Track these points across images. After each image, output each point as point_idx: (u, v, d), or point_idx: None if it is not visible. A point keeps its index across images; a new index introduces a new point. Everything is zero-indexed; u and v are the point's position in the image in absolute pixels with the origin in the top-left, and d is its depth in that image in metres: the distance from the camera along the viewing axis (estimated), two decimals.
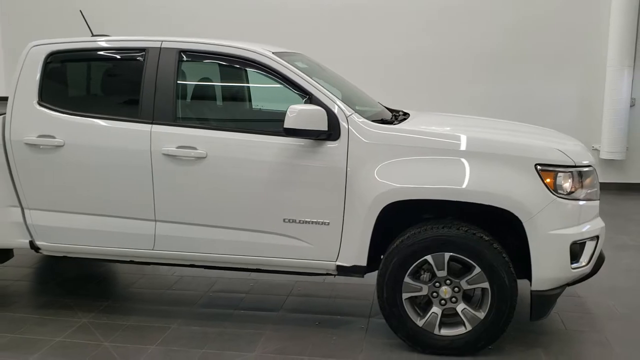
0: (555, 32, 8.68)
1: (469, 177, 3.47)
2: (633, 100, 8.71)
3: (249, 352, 3.77)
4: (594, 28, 8.64)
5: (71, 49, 4.09)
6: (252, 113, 4.49)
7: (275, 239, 3.82)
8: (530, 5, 8.67)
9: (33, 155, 3.96)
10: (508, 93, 8.85)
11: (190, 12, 9.08)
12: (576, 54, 8.73)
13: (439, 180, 3.49)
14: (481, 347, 3.64)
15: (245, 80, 4.28)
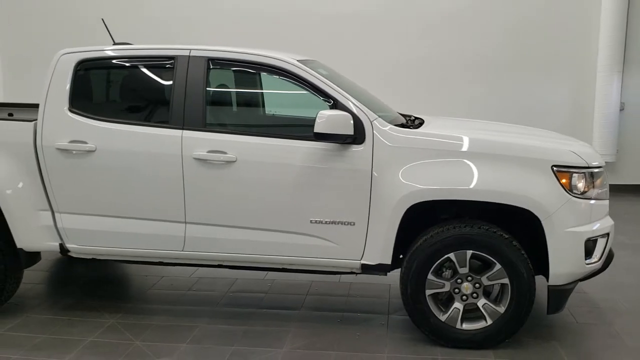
0: (548, 39, 8.96)
1: (492, 178, 3.67)
2: (622, 105, 9.01)
3: (278, 348, 3.92)
4: (585, 36, 8.94)
5: (100, 57, 4.21)
6: (279, 118, 4.64)
7: (302, 239, 3.98)
8: (524, 13, 8.94)
9: (64, 160, 4.07)
10: (503, 97, 9.10)
11: (189, 20, 9.21)
12: (568, 60, 9.02)
13: (463, 182, 3.68)
14: (501, 340, 3.84)
15: (272, 87, 4.43)
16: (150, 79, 4.26)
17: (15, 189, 4.13)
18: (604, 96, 8.91)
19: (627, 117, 9.07)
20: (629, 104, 9.07)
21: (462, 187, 3.67)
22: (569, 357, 3.78)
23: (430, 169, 3.73)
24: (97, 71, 4.26)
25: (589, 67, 9.01)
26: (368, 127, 3.83)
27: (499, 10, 8.98)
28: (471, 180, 3.68)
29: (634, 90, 9.02)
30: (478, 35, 9.02)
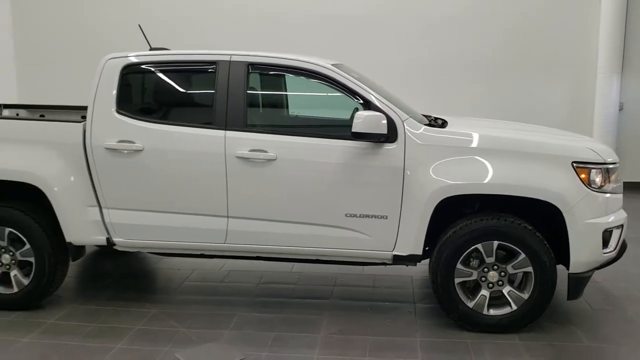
0: (548, 40, 9.30)
1: (518, 173, 3.96)
2: (621, 104, 9.37)
3: (316, 333, 4.19)
4: (584, 37, 9.29)
5: (145, 62, 4.46)
6: (315, 119, 4.90)
7: (337, 232, 4.25)
8: (524, 15, 9.28)
9: (113, 158, 4.32)
10: (503, 97, 9.45)
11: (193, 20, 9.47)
12: (569, 62, 9.37)
13: (492, 177, 3.97)
14: (525, 324, 4.13)
15: (308, 90, 4.68)
16: (194, 83, 4.52)
17: (65, 186, 4.37)
18: (603, 96, 9.27)
19: (626, 117, 9.42)
20: (627, 104, 9.42)
21: (491, 182, 3.96)
22: (588, 340, 4.08)
23: (459, 165, 4.02)
24: (142, 75, 4.51)
25: (588, 68, 9.36)
26: (400, 127, 4.10)
27: (500, 12, 9.32)
28: (499, 176, 3.97)
29: (633, 91, 9.38)
30: (479, 36, 9.34)
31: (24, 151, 4.38)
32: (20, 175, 4.34)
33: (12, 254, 4.51)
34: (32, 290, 4.51)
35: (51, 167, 4.36)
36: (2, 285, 4.57)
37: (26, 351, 3.92)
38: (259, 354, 3.87)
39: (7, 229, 4.46)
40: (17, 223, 4.43)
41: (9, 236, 4.48)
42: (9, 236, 4.48)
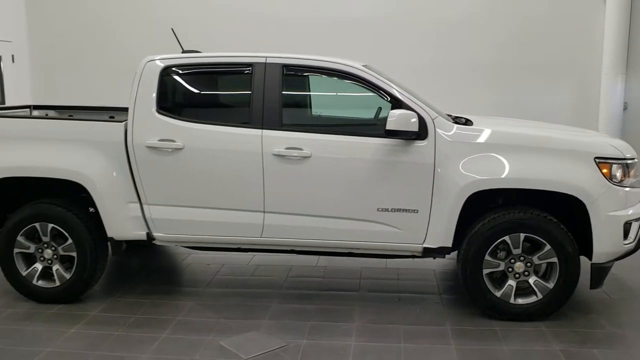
0: (555, 44, 9.54)
1: (544, 169, 4.17)
2: (625, 104, 9.60)
3: (350, 322, 4.39)
4: (589, 40, 9.53)
5: (183, 64, 4.64)
6: (348, 118, 5.09)
7: (369, 225, 4.45)
8: (532, 19, 9.51)
9: (154, 156, 4.50)
10: (511, 98, 9.66)
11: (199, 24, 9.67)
12: (574, 63, 9.61)
13: (520, 172, 4.18)
14: (550, 312, 4.34)
15: (340, 90, 4.87)
16: (231, 84, 4.72)
17: (107, 184, 4.54)
18: (608, 97, 9.49)
19: (630, 117, 9.65)
20: (631, 104, 9.64)
21: (519, 177, 4.17)
22: (610, 327, 4.30)
23: (488, 161, 4.22)
24: (181, 76, 4.68)
25: (593, 69, 9.59)
26: (430, 125, 4.31)
27: (507, 15, 9.54)
28: (527, 171, 4.18)
29: (637, 91, 9.60)
30: (486, 39, 9.57)
31: (68, 150, 4.55)
32: (65, 173, 4.52)
33: (54, 249, 4.68)
34: (74, 284, 4.68)
35: (94, 165, 4.54)
36: (44, 279, 4.73)
37: (76, 341, 4.10)
38: (298, 342, 4.06)
39: (50, 225, 4.63)
40: (60, 219, 4.61)
41: (51, 232, 4.65)
42: (51, 232, 4.65)
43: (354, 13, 9.61)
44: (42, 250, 4.70)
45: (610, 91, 9.45)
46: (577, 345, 4.00)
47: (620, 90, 9.46)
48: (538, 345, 4.00)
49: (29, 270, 4.72)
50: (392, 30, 9.66)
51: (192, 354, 3.89)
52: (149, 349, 3.96)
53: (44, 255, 4.71)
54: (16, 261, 4.71)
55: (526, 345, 4.00)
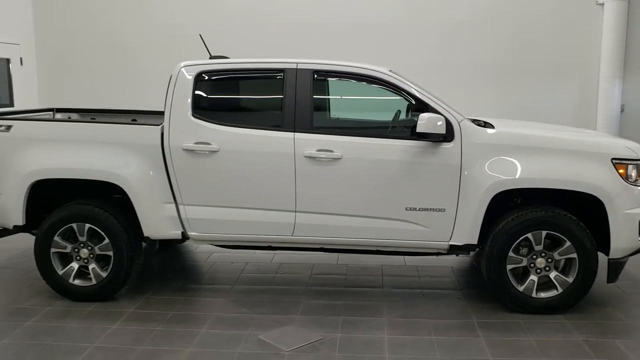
0: (555, 47, 9.84)
1: (566, 169, 4.40)
2: (623, 107, 9.92)
3: (380, 317, 4.59)
4: (588, 44, 9.84)
5: (217, 70, 4.82)
6: (377, 121, 5.28)
7: (397, 224, 4.65)
8: (533, 23, 9.81)
9: (190, 159, 4.67)
10: (513, 100, 9.95)
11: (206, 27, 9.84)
12: (573, 67, 9.92)
13: (543, 173, 4.40)
14: (570, 305, 4.57)
15: (368, 94, 5.07)
16: (263, 89, 4.90)
17: (144, 185, 4.71)
18: (606, 99, 9.81)
19: (627, 118, 9.97)
20: (628, 106, 9.97)
21: (543, 177, 4.40)
22: (627, 318, 4.55)
23: (512, 162, 4.45)
24: (215, 81, 4.86)
25: (592, 73, 9.91)
26: (456, 127, 4.53)
27: (508, 20, 9.84)
28: (549, 172, 4.41)
29: (633, 93, 9.93)
30: (489, 43, 9.86)
31: (106, 153, 4.71)
32: (104, 175, 4.68)
33: (91, 248, 4.83)
34: (110, 282, 4.84)
35: (131, 167, 4.70)
36: (79, 278, 4.88)
37: (119, 336, 4.26)
38: (334, 335, 4.26)
39: (87, 225, 4.78)
40: (97, 219, 4.76)
41: (88, 232, 4.80)
42: (88, 232, 4.80)
43: (360, 17, 9.84)
44: (78, 250, 4.85)
45: (608, 94, 9.77)
46: (598, 335, 4.23)
47: (618, 93, 9.78)
48: (561, 336, 4.23)
49: (65, 269, 4.86)
50: (396, 33, 9.89)
51: (234, 347, 4.07)
52: (192, 343, 4.13)
53: (80, 254, 4.85)
54: (53, 261, 4.85)
55: (550, 336, 4.23)
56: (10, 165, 4.81)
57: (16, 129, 4.85)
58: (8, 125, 4.86)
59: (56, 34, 10.65)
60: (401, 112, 4.93)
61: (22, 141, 4.82)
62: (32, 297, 5.02)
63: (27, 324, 4.47)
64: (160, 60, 10.33)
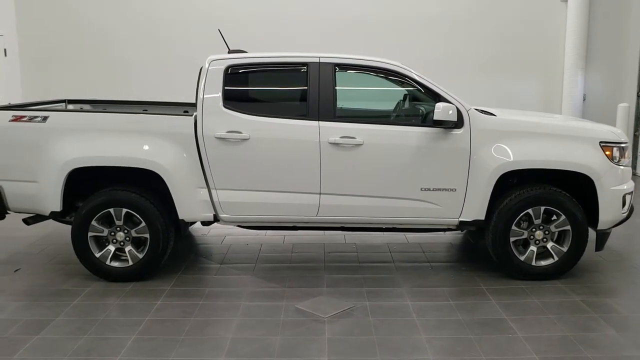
0: (524, 43, 10.63)
1: (562, 152, 5.00)
2: (585, 96, 10.74)
3: (399, 287, 5.10)
4: (554, 39, 10.64)
5: (245, 63, 5.20)
6: (394, 110, 5.74)
7: (413, 203, 5.15)
8: (504, 21, 10.57)
9: (222, 146, 5.04)
10: (486, 92, 10.64)
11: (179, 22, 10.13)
12: (541, 60, 10.71)
13: (543, 155, 4.99)
14: (565, 271, 5.19)
15: (386, 85, 5.51)
16: (288, 81, 5.30)
17: (179, 171, 5.06)
18: (570, 89, 10.62)
19: (589, 106, 10.81)
20: (590, 96, 10.81)
21: (543, 159, 4.98)
22: (612, 280, 5.22)
23: (516, 146, 5.01)
24: (243, 74, 5.23)
25: (557, 65, 10.71)
26: (465, 115, 5.05)
27: (482, 17, 10.54)
28: (548, 154, 5.00)
29: (595, 84, 10.78)
30: (468, 41, 10.52)
31: (143, 141, 5.03)
32: (143, 163, 5.00)
33: (127, 231, 5.15)
34: (146, 263, 5.17)
35: (167, 154, 5.03)
36: (116, 260, 5.19)
37: (167, 310, 4.62)
38: (363, 303, 4.74)
39: (124, 210, 5.10)
40: (134, 204, 5.08)
41: (125, 216, 5.12)
42: (125, 216, 5.12)
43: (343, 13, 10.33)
44: (114, 234, 5.16)
45: (572, 84, 10.57)
46: (591, 295, 4.87)
47: (581, 83, 10.61)
48: (560, 297, 4.84)
49: (102, 252, 5.17)
50: (377, 28, 10.41)
51: (277, 316, 4.50)
52: (237, 314, 4.54)
53: (116, 237, 5.17)
54: (90, 244, 5.15)
55: (551, 297, 4.83)
56: (46, 154, 5.06)
57: (52, 120, 5.10)
58: (44, 116, 5.10)
59: (39, 24, 10.69)
60: (415, 102, 5.43)
61: (58, 131, 5.08)
62: (68, 279, 5.29)
63: (75, 303, 4.76)
64: (144, 51, 10.55)
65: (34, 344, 4.05)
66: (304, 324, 4.37)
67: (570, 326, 4.29)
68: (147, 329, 4.29)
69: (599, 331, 4.21)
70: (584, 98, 10.72)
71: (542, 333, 4.18)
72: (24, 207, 5.25)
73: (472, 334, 4.17)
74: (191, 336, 4.17)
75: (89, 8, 10.64)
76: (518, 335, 4.14)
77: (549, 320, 4.39)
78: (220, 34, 5.84)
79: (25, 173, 5.09)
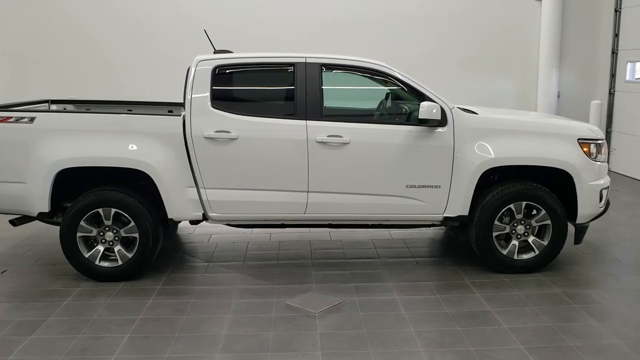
0: (499, 40, 10.83)
1: (542, 149, 5.16)
2: (559, 93, 11.00)
3: (386, 282, 5.22)
4: (528, 38, 10.88)
5: (232, 64, 5.25)
6: (380, 109, 5.84)
7: (398, 200, 5.27)
8: (481, 20, 10.74)
9: (211, 146, 5.09)
10: (463, 89, 10.80)
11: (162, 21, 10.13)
12: (515, 58, 10.95)
13: (524, 152, 5.15)
14: (545, 264, 5.37)
15: (371, 85, 5.61)
16: (275, 81, 5.37)
17: (168, 170, 5.09)
18: (544, 86, 10.87)
19: (563, 103, 11.08)
20: (564, 93, 11.07)
21: (524, 155, 5.14)
22: (590, 272, 5.42)
23: (497, 143, 5.16)
24: (231, 74, 5.29)
25: (532, 63, 10.95)
26: (449, 114, 5.19)
27: (463, 19, 10.73)
28: (529, 151, 5.16)
29: (568, 81, 11.05)
30: (448, 41, 10.72)
31: (131, 141, 5.05)
32: (132, 163, 5.02)
33: (116, 231, 5.18)
34: (136, 262, 5.20)
35: (156, 154, 5.06)
36: (104, 260, 5.21)
37: (159, 308, 4.67)
38: (352, 298, 4.85)
39: (113, 210, 5.12)
40: (123, 204, 5.11)
41: (113, 216, 5.14)
42: (113, 216, 5.14)
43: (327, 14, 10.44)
44: (103, 233, 5.18)
45: (546, 82, 10.82)
46: (572, 287, 5.05)
47: (555, 81, 10.86)
48: (542, 289, 5.01)
49: (91, 252, 5.19)
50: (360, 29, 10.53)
51: (268, 312, 4.58)
52: (229, 311, 4.61)
53: (105, 237, 5.19)
54: (78, 244, 5.16)
55: (533, 289, 5.00)
56: (33, 155, 5.06)
57: (40, 120, 5.10)
58: (31, 117, 5.10)
59: (19, 23, 10.55)
60: (398, 101, 5.54)
61: (46, 132, 5.08)
62: (57, 280, 5.30)
63: (66, 303, 4.78)
64: (127, 51, 10.50)
65: (29, 344, 4.07)
66: (295, 319, 4.46)
67: (553, 317, 4.45)
68: (141, 327, 4.34)
69: (581, 321, 4.38)
70: (558, 95, 10.98)
71: (526, 324, 4.34)
72: (11, 208, 5.24)
73: (459, 326, 4.30)
74: (185, 334, 4.23)
75: (72, 7, 10.53)
76: (503, 327, 4.29)
77: (532, 312, 4.55)
78: (206, 34, 5.88)
79: (12, 174, 5.08)
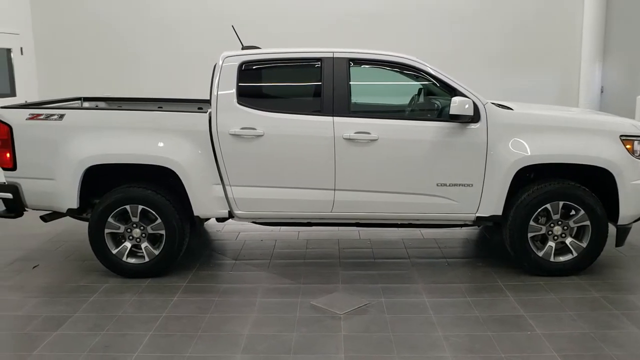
0: (541, 36, 10.52)
1: (581, 145, 4.92)
2: (602, 88, 10.60)
3: (415, 284, 5.06)
4: (571, 31, 10.53)
5: (259, 59, 5.17)
6: (410, 105, 5.70)
7: (429, 199, 5.10)
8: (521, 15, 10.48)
9: (237, 143, 5.02)
10: (504, 84, 10.56)
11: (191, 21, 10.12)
12: (557, 52, 10.59)
13: (562, 149, 4.91)
14: (583, 267, 5.12)
15: (401, 80, 5.47)
16: (302, 76, 5.27)
17: (195, 167, 5.04)
18: (587, 81, 10.50)
19: (606, 99, 10.66)
20: (607, 87, 10.65)
21: (561, 152, 4.91)
22: (633, 277, 5.14)
23: (534, 140, 4.93)
24: (257, 70, 5.21)
25: (574, 57, 10.58)
26: (482, 110, 4.99)
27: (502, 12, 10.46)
28: (566, 148, 4.92)
29: (612, 76, 10.61)
30: (487, 35, 10.45)
31: (158, 139, 5.03)
32: (159, 160, 5.00)
33: (143, 228, 5.16)
34: (162, 259, 5.18)
35: (182, 151, 5.03)
36: (132, 257, 5.21)
37: (184, 306, 4.63)
38: (378, 300, 4.71)
39: (140, 207, 5.11)
40: (150, 201, 5.09)
41: (140, 213, 5.13)
42: (140, 213, 5.13)
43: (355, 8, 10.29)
44: (130, 230, 5.17)
45: (589, 76, 10.45)
46: (612, 292, 4.79)
47: (598, 75, 10.47)
48: (579, 293, 4.78)
49: (119, 248, 5.19)
50: (386, 23, 10.34)
51: (293, 312, 4.49)
52: (253, 310, 4.54)
53: (132, 234, 5.18)
54: (106, 241, 5.17)
55: (570, 294, 4.77)
56: (63, 152, 5.08)
57: (69, 117, 5.12)
58: (61, 114, 5.12)
59: (54, 23, 10.76)
60: (430, 97, 5.37)
61: (75, 129, 5.10)
62: (86, 275, 5.32)
63: (92, 299, 4.79)
64: (157, 48, 10.59)
65: (53, 340, 4.08)
66: (320, 320, 4.36)
67: (591, 323, 4.23)
68: (164, 325, 4.30)
69: (621, 328, 4.14)
70: (601, 90, 10.58)
71: (562, 330, 4.13)
72: (41, 204, 5.28)
73: (490, 331, 4.12)
74: (207, 332, 4.17)
75: (102, 6, 10.69)
76: (537, 332, 4.09)
77: (568, 317, 4.33)
78: (234, 30, 5.82)
79: (42, 171, 5.11)
